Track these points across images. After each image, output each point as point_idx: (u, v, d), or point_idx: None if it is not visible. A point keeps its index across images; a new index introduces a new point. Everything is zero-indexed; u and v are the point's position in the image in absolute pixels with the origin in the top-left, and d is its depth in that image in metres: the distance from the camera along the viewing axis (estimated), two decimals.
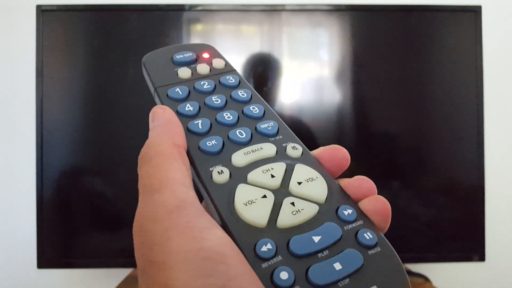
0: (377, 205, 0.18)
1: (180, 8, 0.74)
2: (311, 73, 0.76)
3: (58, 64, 0.74)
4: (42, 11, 0.73)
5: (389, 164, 0.77)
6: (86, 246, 0.75)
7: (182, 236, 0.14)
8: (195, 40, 0.75)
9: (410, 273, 0.81)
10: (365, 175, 0.20)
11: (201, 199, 0.17)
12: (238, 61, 0.75)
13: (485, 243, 0.75)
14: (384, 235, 0.17)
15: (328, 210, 0.18)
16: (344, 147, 0.21)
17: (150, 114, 0.21)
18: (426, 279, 0.80)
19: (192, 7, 0.74)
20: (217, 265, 0.14)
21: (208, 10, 0.75)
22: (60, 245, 0.75)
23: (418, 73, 0.77)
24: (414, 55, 0.77)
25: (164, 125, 0.20)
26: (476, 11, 0.75)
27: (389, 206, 0.18)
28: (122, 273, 0.80)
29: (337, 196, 0.18)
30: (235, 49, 0.76)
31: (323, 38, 0.76)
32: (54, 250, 0.74)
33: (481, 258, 0.75)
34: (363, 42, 0.77)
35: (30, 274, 0.83)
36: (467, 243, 0.76)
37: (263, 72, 0.76)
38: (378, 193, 0.19)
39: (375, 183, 0.20)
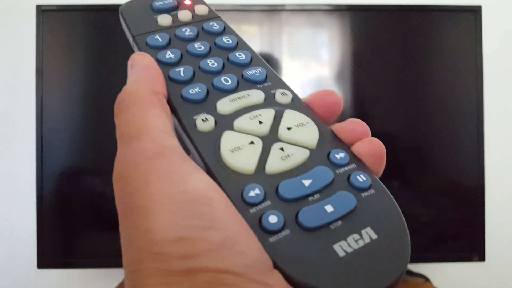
0: (370, 147, 0.17)
1: None
2: (311, 73, 0.76)
3: (58, 64, 0.74)
4: (42, 11, 0.72)
5: (389, 164, 0.76)
6: (86, 246, 0.75)
7: (164, 180, 0.14)
8: None
9: (410, 273, 0.81)
10: None
11: (186, 151, 0.17)
12: None
13: (485, 243, 0.75)
14: None
15: (319, 155, 0.17)
16: None
17: (129, 61, 0.19)
18: (426, 279, 0.80)
19: None
20: (201, 207, 0.13)
21: None
22: (60, 245, 0.75)
23: (418, 73, 0.77)
24: (414, 55, 0.77)
25: (142, 72, 0.19)
26: (476, 11, 0.75)
27: (384, 148, 0.18)
28: (122, 273, 0.79)
29: (329, 141, 0.18)
30: None
31: (323, 38, 0.76)
32: (54, 250, 0.74)
33: (481, 258, 0.75)
34: (363, 42, 0.77)
35: (30, 274, 0.83)
36: (467, 243, 0.76)
37: None
38: None
39: None
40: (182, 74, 0.19)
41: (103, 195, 0.75)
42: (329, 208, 0.15)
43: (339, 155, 0.17)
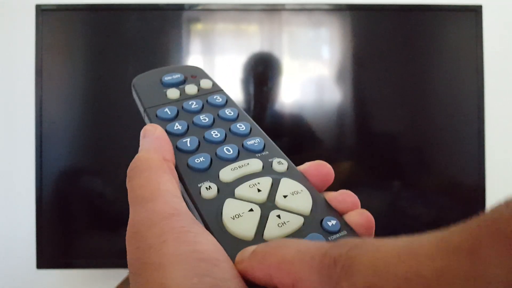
0: (361, 218, 0.19)
1: (180, 7, 0.74)
2: (312, 73, 0.76)
3: (57, 63, 0.74)
4: (41, 11, 0.72)
5: (390, 164, 0.76)
6: (85, 246, 0.75)
7: (178, 239, 0.15)
8: (194, 39, 0.75)
9: None
10: (366, 175, 0.20)
11: None
12: (238, 61, 0.75)
13: None
14: (386, 236, 0.17)
15: (313, 222, 0.18)
16: (344, 146, 0.21)
17: (142, 131, 0.21)
18: None
19: (192, 7, 0.74)
20: (211, 267, 0.14)
21: (208, 10, 0.74)
22: (59, 245, 0.75)
23: (419, 73, 0.77)
24: (414, 54, 0.77)
25: (154, 141, 0.20)
26: (476, 10, 0.75)
27: (373, 220, 0.19)
28: (121, 274, 0.79)
29: (322, 208, 0.19)
30: (235, 49, 0.75)
31: (324, 38, 0.76)
32: (53, 251, 0.74)
33: None
34: (364, 42, 0.77)
35: (30, 274, 0.82)
36: None
37: (263, 71, 0.76)
38: (380, 193, 0.19)
39: (375, 183, 0.20)
40: (188, 145, 0.21)
41: (102, 196, 0.74)
42: None
43: (331, 222, 0.18)
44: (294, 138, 0.75)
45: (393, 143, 0.77)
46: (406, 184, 0.76)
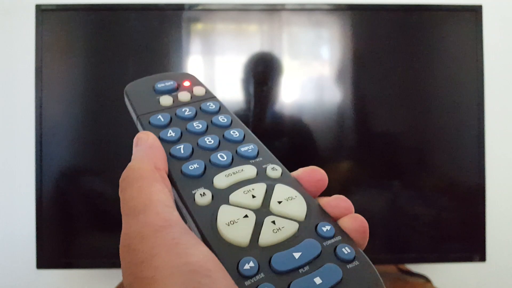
0: (355, 224, 0.19)
1: (180, 7, 0.74)
2: (312, 73, 0.76)
3: (57, 63, 0.74)
4: (41, 11, 0.72)
5: (390, 164, 0.76)
6: (85, 246, 0.75)
7: (169, 252, 0.15)
8: (194, 40, 0.75)
9: (411, 273, 0.81)
10: (366, 175, 0.20)
11: (184, 220, 0.18)
12: (238, 61, 0.75)
13: (486, 243, 0.75)
14: (386, 236, 0.17)
15: (307, 227, 0.18)
16: (344, 146, 0.21)
17: (134, 140, 0.21)
18: (427, 279, 0.80)
19: (192, 7, 0.74)
20: (202, 278, 0.14)
21: (208, 10, 0.74)
22: (59, 245, 0.75)
23: (419, 73, 0.77)
24: (414, 54, 0.77)
25: (146, 150, 0.20)
26: (476, 10, 0.75)
27: (367, 224, 0.19)
28: (121, 274, 0.79)
29: (316, 214, 0.19)
30: (235, 49, 0.75)
31: (324, 38, 0.76)
32: (53, 250, 0.74)
33: (482, 258, 0.75)
34: (364, 42, 0.77)
35: (30, 274, 0.82)
36: (468, 243, 0.76)
37: (263, 71, 0.76)
38: (380, 193, 0.19)
39: (375, 183, 0.20)
40: (182, 151, 0.21)
41: (102, 195, 0.74)
42: (317, 280, 0.16)
43: (326, 228, 0.18)
44: (294, 138, 0.75)
45: (393, 143, 0.77)
46: (406, 184, 0.76)
